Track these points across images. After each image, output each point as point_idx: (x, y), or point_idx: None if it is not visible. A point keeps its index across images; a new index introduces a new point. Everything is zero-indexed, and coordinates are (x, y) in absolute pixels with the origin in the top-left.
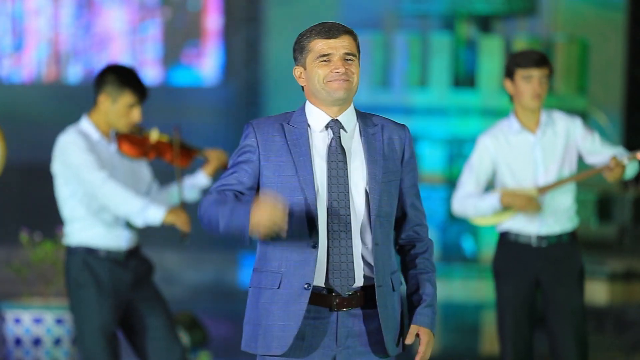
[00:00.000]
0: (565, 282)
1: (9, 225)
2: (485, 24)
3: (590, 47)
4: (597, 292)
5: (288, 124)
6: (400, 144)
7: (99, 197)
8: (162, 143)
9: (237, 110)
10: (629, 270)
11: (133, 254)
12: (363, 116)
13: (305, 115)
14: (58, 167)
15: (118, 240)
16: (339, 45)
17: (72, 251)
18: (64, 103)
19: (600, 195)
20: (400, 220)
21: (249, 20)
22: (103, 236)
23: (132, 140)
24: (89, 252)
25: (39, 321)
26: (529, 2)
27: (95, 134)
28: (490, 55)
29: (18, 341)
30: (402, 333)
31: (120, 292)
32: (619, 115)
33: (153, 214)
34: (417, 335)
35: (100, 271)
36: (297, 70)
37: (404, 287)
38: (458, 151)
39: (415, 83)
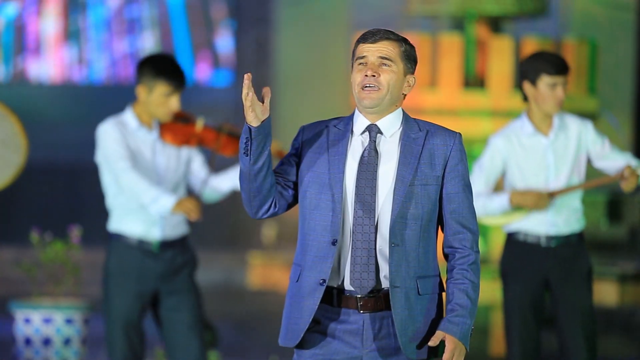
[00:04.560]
0: (574, 282)
1: (19, 225)
2: (495, 24)
3: (601, 48)
4: (607, 293)
5: (335, 126)
6: (444, 150)
7: (122, 186)
8: (208, 131)
9: None
10: (639, 271)
11: (171, 246)
12: (411, 121)
13: (352, 119)
14: (99, 156)
15: (151, 230)
16: (375, 49)
17: (109, 238)
18: (75, 103)
19: (610, 196)
20: (442, 227)
21: (260, 20)
22: (136, 225)
23: (175, 128)
24: (121, 240)
25: (49, 321)
26: (539, 2)
27: (133, 123)
28: (501, 56)
29: (28, 341)
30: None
31: (147, 282)
32: (629, 116)
33: (163, 204)
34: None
35: (129, 260)
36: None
37: None
38: (468, 152)
39: (424, 84)
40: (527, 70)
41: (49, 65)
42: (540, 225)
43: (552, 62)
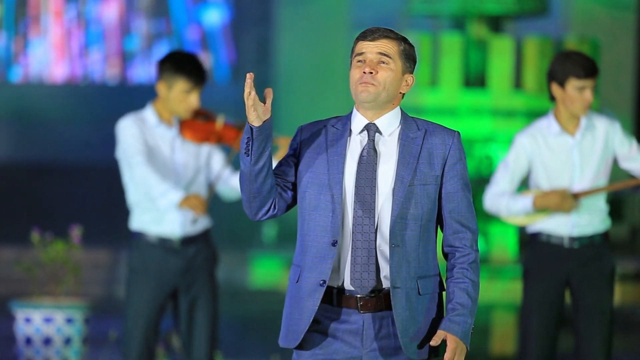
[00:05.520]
0: (595, 283)
1: (20, 225)
2: (496, 24)
3: (601, 47)
4: None
5: (333, 126)
6: (443, 149)
7: (135, 180)
8: (228, 128)
9: None
10: (639, 270)
11: (193, 241)
12: (410, 120)
13: (350, 118)
14: (119, 152)
15: (170, 226)
16: (374, 47)
17: (130, 236)
18: (74, 102)
19: (610, 195)
20: (442, 226)
21: (260, 19)
22: (155, 222)
23: (195, 125)
24: (142, 238)
25: (50, 320)
26: (539, 2)
27: (153, 119)
28: (501, 56)
29: (28, 340)
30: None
31: (168, 279)
32: (629, 114)
33: (170, 198)
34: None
35: (151, 258)
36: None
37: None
38: (468, 151)
39: (425, 83)
40: (556, 72)
41: (49, 27)
42: (564, 226)
43: (582, 66)
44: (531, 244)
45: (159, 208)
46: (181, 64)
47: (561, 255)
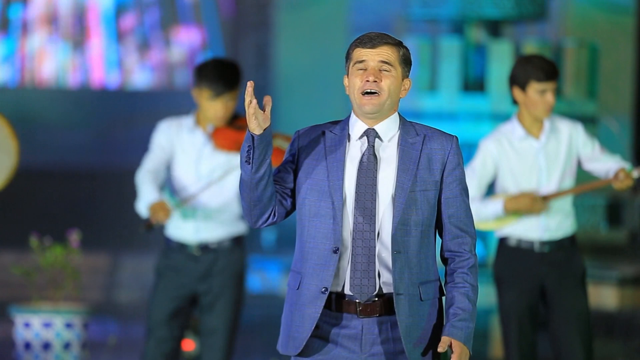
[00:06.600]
0: (569, 286)
1: (19, 229)
2: (495, 28)
3: (600, 52)
4: (607, 296)
5: (331, 131)
6: (442, 154)
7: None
8: None
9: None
10: (639, 275)
11: (212, 248)
12: (408, 125)
13: (348, 124)
14: None
15: (185, 232)
16: (375, 54)
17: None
18: (74, 107)
19: (609, 200)
20: (441, 231)
21: (259, 24)
22: (175, 228)
23: (225, 134)
24: (168, 243)
25: (49, 325)
26: (538, 6)
27: (189, 123)
28: (500, 60)
29: (27, 345)
30: (436, 344)
31: (185, 283)
32: (629, 119)
33: (140, 205)
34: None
35: (171, 261)
36: (345, 80)
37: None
38: (468, 156)
39: (424, 87)
40: (517, 76)
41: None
42: (533, 230)
43: (541, 69)
44: (501, 249)
45: (179, 215)
46: (205, 71)
47: (533, 259)
